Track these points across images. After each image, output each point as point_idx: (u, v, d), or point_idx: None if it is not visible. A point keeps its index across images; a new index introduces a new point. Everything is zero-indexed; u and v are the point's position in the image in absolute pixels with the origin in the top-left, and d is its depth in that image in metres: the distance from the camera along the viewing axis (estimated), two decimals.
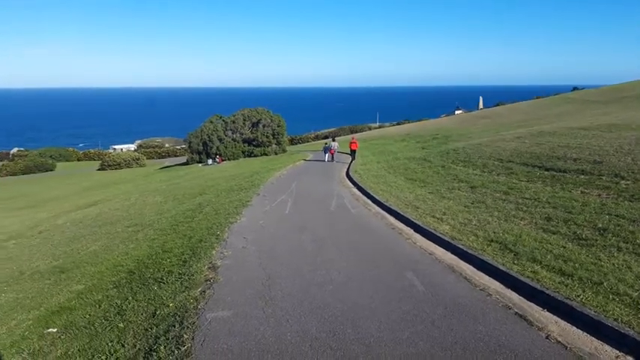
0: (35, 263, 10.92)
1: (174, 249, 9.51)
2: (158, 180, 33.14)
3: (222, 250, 8.78)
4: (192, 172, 35.63)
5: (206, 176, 28.87)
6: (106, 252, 10.63)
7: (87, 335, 5.91)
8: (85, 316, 6.66)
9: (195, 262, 8.06)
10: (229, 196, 16.09)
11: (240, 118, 48.27)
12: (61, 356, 5.45)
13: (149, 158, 78.89)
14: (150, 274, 8.06)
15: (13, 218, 23.26)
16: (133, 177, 44.63)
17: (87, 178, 51.68)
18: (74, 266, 9.79)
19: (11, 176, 72.01)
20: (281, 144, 47.38)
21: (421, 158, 22.23)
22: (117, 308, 6.65)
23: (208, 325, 5.44)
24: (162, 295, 6.68)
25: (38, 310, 7.44)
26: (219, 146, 45.99)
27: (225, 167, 36.41)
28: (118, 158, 69.36)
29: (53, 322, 6.69)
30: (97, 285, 8.14)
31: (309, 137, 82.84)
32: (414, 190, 14.73)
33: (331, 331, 5.26)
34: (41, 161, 77.47)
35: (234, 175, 25.75)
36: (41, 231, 16.37)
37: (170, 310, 6.02)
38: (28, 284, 9.14)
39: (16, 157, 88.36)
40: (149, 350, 5.02)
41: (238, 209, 13.04)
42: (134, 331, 5.69)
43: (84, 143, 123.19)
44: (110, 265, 9.26)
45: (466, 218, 10.22)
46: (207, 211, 13.59)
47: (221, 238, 9.76)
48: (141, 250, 10.15)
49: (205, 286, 6.73)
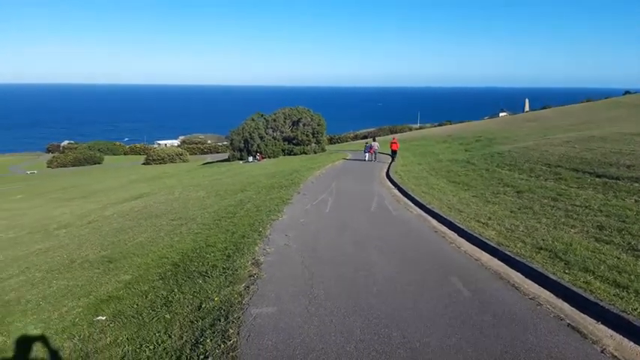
0: (85, 252, 11.33)
1: (217, 243, 9.67)
2: (200, 175, 33.84)
3: (265, 246, 8.86)
4: (233, 169, 36.20)
5: (247, 173, 29.25)
6: (151, 244, 10.91)
7: (135, 324, 6.07)
8: (133, 305, 6.85)
9: (239, 257, 8.16)
10: (270, 193, 16.24)
11: (280, 117, 48.69)
12: (110, 344, 5.61)
13: (192, 154, 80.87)
14: (194, 267, 8.22)
15: (63, 208, 24.29)
16: (177, 172, 45.79)
17: (132, 172, 53.43)
18: (121, 257, 10.10)
19: (62, 168, 75.42)
20: (320, 143, 47.48)
21: (464, 161, 21.75)
22: (163, 299, 6.81)
23: (253, 320, 5.48)
24: (207, 289, 6.80)
25: (88, 297, 7.70)
26: (260, 144, 46.53)
27: (265, 165, 36.80)
28: (162, 153, 71.43)
29: (102, 310, 6.91)
30: (144, 276, 8.36)
31: (348, 137, 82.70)
32: (458, 193, 14.42)
33: (376, 333, 5.19)
34: (90, 154, 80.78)
35: (274, 172, 25.97)
36: (90, 221, 17.00)
37: (215, 304, 6.11)
38: (78, 272, 9.48)
39: (66, 149, 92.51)
40: (195, 343, 5.10)
41: (279, 207, 13.13)
42: (180, 322, 5.80)
43: (128, 137, 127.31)
44: (156, 257, 9.49)
45: (513, 224, 9.90)
46: (248, 207, 13.75)
47: (263, 234, 9.85)
48: (185, 243, 10.37)
49: (249, 282, 6.80)
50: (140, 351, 5.21)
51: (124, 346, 5.43)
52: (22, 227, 18.66)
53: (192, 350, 4.94)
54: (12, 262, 11.68)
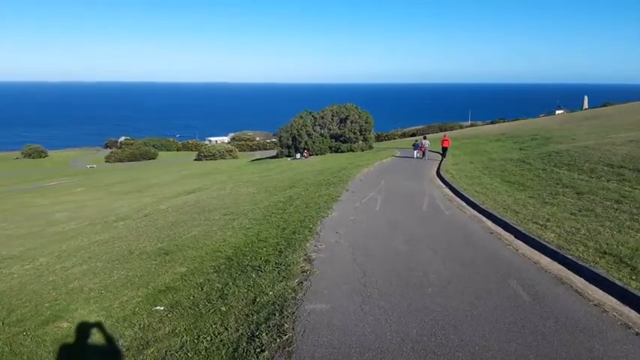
0: (142, 244, 11.76)
1: (269, 239, 9.78)
2: (250, 172, 34.45)
3: (316, 243, 8.87)
4: (281, 166, 36.62)
5: (295, 170, 29.51)
6: (205, 237, 11.18)
7: (192, 315, 6.23)
8: (189, 297, 7.03)
9: (291, 253, 8.21)
10: (318, 190, 16.27)
11: (328, 114, 48.78)
12: (169, 333, 5.78)
13: (241, 150, 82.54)
14: (247, 261, 8.34)
15: (121, 201, 25.39)
16: (227, 168, 46.85)
17: (185, 167, 55.11)
18: (177, 249, 10.40)
19: (119, 162, 78.88)
20: (368, 140, 47.21)
21: (519, 160, 20.95)
22: (218, 292, 6.95)
23: (307, 316, 5.49)
24: (261, 283, 6.87)
25: (146, 288, 7.96)
26: (307, 141, 46.83)
27: (312, 162, 36.98)
28: (213, 149, 73.29)
29: (160, 301, 7.12)
30: (199, 268, 8.57)
31: (396, 134, 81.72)
32: (513, 193, 13.90)
33: (433, 334, 5.07)
34: (145, 150, 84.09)
35: (322, 169, 26.04)
36: (146, 214, 17.65)
37: (269, 299, 6.17)
38: (136, 263, 9.84)
39: (123, 145, 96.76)
40: (251, 336, 5.16)
41: (328, 204, 13.13)
42: (236, 315, 5.89)
43: (181, 134, 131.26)
44: (210, 251, 9.71)
45: (573, 227, 9.42)
46: (297, 203, 13.84)
47: (314, 231, 9.86)
48: (237, 237, 10.55)
49: (302, 278, 6.82)
50: (198, 341, 5.33)
51: (182, 336, 5.58)
52: (83, 219, 19.63)
53: (249, 343, 5.00)
54: (75, 251, 12.27)
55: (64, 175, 59.02)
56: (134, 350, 5.49)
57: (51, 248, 13.36)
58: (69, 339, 6.16)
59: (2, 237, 17.25)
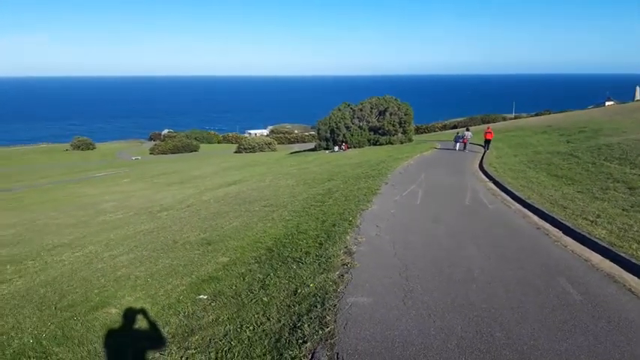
0: (186, 234, 12.03)
1: (308, 231, 9.80)
2: (289, 164, 34.67)
3: (356, 236, 8.81)
4: (319, 158, 36.65)
5: (333, 162, 29.46)
6: (246, 228, 11.32)
7: (234, 305, 6.31)
8: (232, 286, 7.13)
9: (331, 245, 8.19)
10: (357, 183, 16.18)
11: (367, 107, 48.35)
12: (212, 322, 5.88)
13: (279, 143, 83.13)
14: (288, 252, 8.39)
15: (165, 192, 26.10)
16: (266, 160, 47.35)
17: (226, 160, 56.05)
18: (219, 239, 10.58)
19: (162, 155, 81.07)
20: (407, 133, 46.51)
21: (566, 153, 20.14)
22: (260, 282, 7.02)
23: (349, 309, 5.46)
24: (302, 275, 6.90)
25: (190, 277, 8.13)
26: (346, 133, 46.61)
27: (350, 154, 36.81)
28: (253, 142, 74.19)
29: (204, 290, 7.26)
30: (240, 259, 8.68)
31: (437, 126, 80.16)
32: (560, 187, 13.38)
33: (478, 332, 4.94)
34: (187, 142, 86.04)
35: (361, 162, 25.89)
36: (189, 205, 18.06)
37: (311, 290, 6.18)
38: (180, 252, 10.07)
39: (166, 137, 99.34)
40: (293, 327, 5.18)
41: (368, 197, 13.02)
42: (277, 306, 5.94)
43: (222, 127, 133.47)
44: (251, 241, 9.83)
45: (625, 223, 8.98)
46: (336, 196, 13.80)
47: (353, 224, 9.80)
48: (277, 229, 10.63)
49: (343, 270, 6.79)
50: (241, 331, 5.40)
51: (225, 325, 5.66)
52: (129, 208, 20.30)
53: (291, 334, 5.02)
54: (122, 240, 12.70)
55: (110, 166, 61.23)
56: (179, 337, 5.62)
57: (99, 237, 13.89)
58: (117, 324, 6.37)
59: (53, 225, 18.09)
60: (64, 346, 5.77)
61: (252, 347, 4.95)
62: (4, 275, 10.34)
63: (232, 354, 4.88)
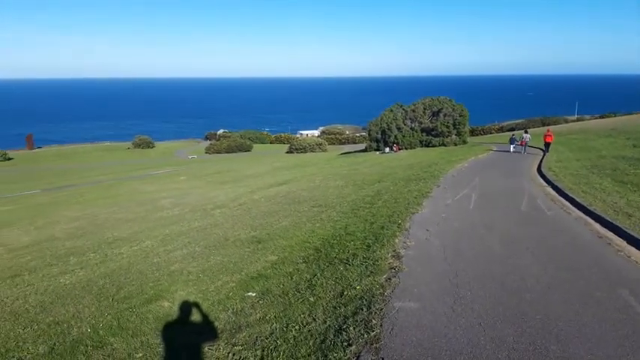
0: (237, 232, 12.29)
1: (356, 232, 9.75)
2: (338, 165, 34.69)
3: (405, 239, 8.67)
4: (370, 159, 36.44)
5: (383, 164, 29.20)
6: (294, 228, 11.42)
7: (281, 304, 6.38)
8: (279, 285, 7.21)
9: (379, 248, 8.11)
10: (408, 185, 15.94)
11: (420, 107, 47.60)
12: (259, 320, 5.97)
13: (330, 144, 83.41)
14: (335, 253, 8.38)
15: (218, 190, 26.81)
16: (317, 161, 47.61)
17: (277, 160, 56.89)
18: (268, 238, 10.73)
19: (217, 154, 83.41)
20: (461, 135, 45.36)
21: (634, 158, 18.93)
22: (307, 282, 7.05)
23: (396, 314, 5.38)
24: (349, 277, 6.87)
25: (239, 274, 8.29)
26: (397, 135, 46.09)
27: (401, 156, 36.36)
28: (304, 143, 74.84)
29: (252, 287, 7.38)
30: (288, 258, 8.77)
31: (493, 128, 77.60)
32: (626, 194, 12.57)
33: (531, 344, 4.71)
34: (241, 142, 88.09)
35: (412, 164, 25.50)
36: (241, 204, 18.45)
37: (357, 293, 6.14)
38: (231, 249, 10.29)
39: (221, 137, 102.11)
40: (339, 329, 5.17)
41: (418, 199, 12.80)
42: (324, 307, 5.94)
43: (274, 128, 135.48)
44: (299, 241, 9.90)
45: None
46: (386, 198, 13.66)
47: (403, 227, 9.66)
48: (325, 229, 10.65)
49: (390, 274, 6.70)
50: (287, 330, 5.44)
51: (272, 323, 5.73)
52: (184, 205, 21.00)
53: (336, 336, 5.00)
54: (176, 236, 13.14)
55: (168, 164, 63.71)
56: (227, 333, 5.73)
57: (156, 232, 14.44)
58: (169, 318, 6.58)
59: (114, 220, 19.01)
60: (119, 337, 6.03)
61: (298, 347, 4.97)
62: (68, 266, 10.96)
63: (278, 353, 4.92)
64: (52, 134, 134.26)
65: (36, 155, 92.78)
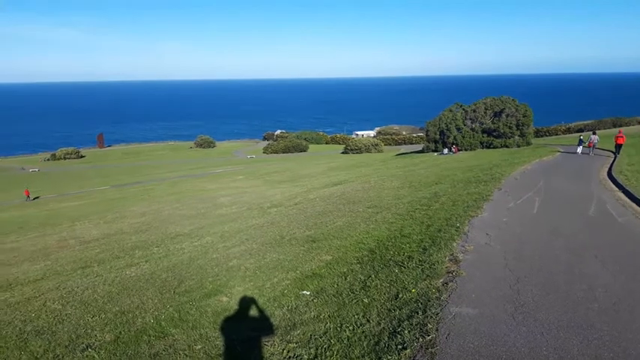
0: (292, 230, 12.46)
1: (412, 235, 9.60)
2: (394, 166, 34.30)
3: (464, 243, 8.43)
4: (427, 161, 35.76)
5: (441, 165, 28.57)
6: (349, 228, 11.42)
7: (335, 303, 6.40)
8: (333, 285, 7.24)
9: (436, 251, 7.94)
10: (467, 187, 15.49)
11: (481, 107, 46.11)
12: (314, 318, 6.02)
13: (386, 144, 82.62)
14: (390, 255, 8.30)
15: (275, 190, 27.30)
16: (372, 161, 47.33)
17: (332, 160, 57.12)
18: (323, 238, 10.80)
19: (274, 154, 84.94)
20: (525, 136, 43.46)
21: None
22: (361, 283, 7.03)
23: (452, 319, 5.24)
24: (404, 279, 6.78)
25: (294, 272, 8.41)
26: (457, 135, 44.91)
27: (461, 157, 35.41)
28: (360, 143, 74.60)
29: (307, 286, 7.46)
30: (343, 258, 8.78)
31: (560, 129, 73.71)
32: None
33: (598, 357, 4.44)
34: (297, 142, 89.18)
35: (472, 166, 24.76)
36: (296, 203, 18.69)
37: (412, 296, 6.04)
38: (287, 248, 10.45)
39: (279, 137, 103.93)
40: (393, 331, 5.11)
41: (478, 203, 12.40)
42: (378, 309, 5.90)
43: (328, 128, 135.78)
44: (353, 242, 9.89)
45: None
46: (443, 200, 13.36)
47: (461, 230, 9.39)
48: (380, 231, 10.57)
49: (447, 278, 6.54)
50: (341, 330, 5.46)
51: (325, 323, 5.76)
52: (242, 204, 21.56)
53: (390, 338, 4.95)
54: (235, 233, 13.52)
55: (228, 163, 65.59)
56: (282, 330, 5.83)
57: (215, 229, 14.94)
58: (227, 312, 6.79)
59: (176, 216, 19.84)
60: (180, 328, 6.30)
61: (351, 347, 4.97)
62: (133, 259, 11.57)
63: (331, 352, 4.95)
64: (120, 134, 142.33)
65: (106, 153, 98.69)
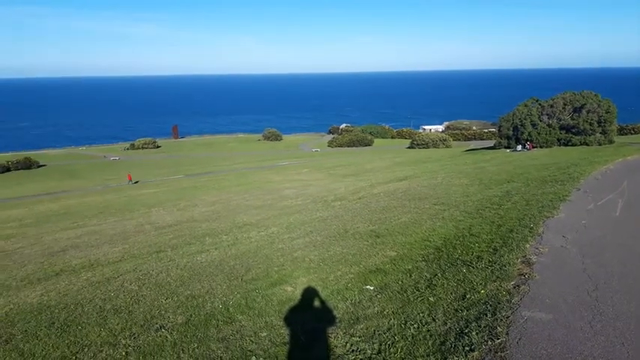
0: (356, 224, 12.43)
1: (481, 234, 9.28)
2: (463, 162, 33.26)
3: (537, 245, 8.02)
4: (498, 157, 34.36)
5: (514, 162, 27.32)
6: (414, 225, 11.22)
7: (400, 300, 6.33)
8: (398, 281, 7.16)
9: (507, 252, 7.62)
10: (542, 187, 14.70)
11: (559, 103, 43.55)
12: (377, 313, 5.99)
13: (455, 139, 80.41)
14: (457, 254, 8.08)
15: (339, 183, 27.42)
16: (439, 157, 46.21)
17: (398, 155, 56.43)
18: (387, 233, 10.69)
19: (338, 147, 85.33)
20: (607, 133, 40.57)
21: None
22: (427, 281, 6.90)
23: (524, 323, 5.01)
24: (472, 280, 6.57)
25: (358, 266, 8.39)
26: (532, 132, 42.75)
27: (535, 155, 33.69)
28: (427, 138, 73.19)
29: (370, 281, 7.43)
30: (407, 255, 8.66)
31: None
32: None
33: None
34: (362, 136, 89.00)
35: (547, 164, 23.45)
36: (360, 197, 18.64)
37: (481, 297, 5.85)
38: (350, 242, 10.45)
39: (343, 131, 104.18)
40: (460, 332, 4.98)
41: (554, 203, 11.72)
42: (444, 308, 5.77)
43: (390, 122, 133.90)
44: (418, 239, 9.72)
45: None
46: (516, 199, 12.78)
47: (535, 232, 8.94)
48: (447, 229, 10.31)
49: (519, 281, 6.26)
50: (405, 327, 5.39)
51: (389, 319, 5.72)
52: (307, 196, 21.85)
53: (457, 339, 4.83)
54: (299, 225, 13.72)
55: (293, 156, 66.79)
56: (345, 323, 5.85)
57: (280, 220, 15.24)
58: (291, 302, 6.91)
59: (244, 206, 20.48)
60: (247, 315, 6.49)
61: (416, 345, 4.90)
62: (204, 246, 12.07)
63: (395, 349, 4.90)
64: (193, 126, 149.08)
65: (179, 144, 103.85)
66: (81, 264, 11.42)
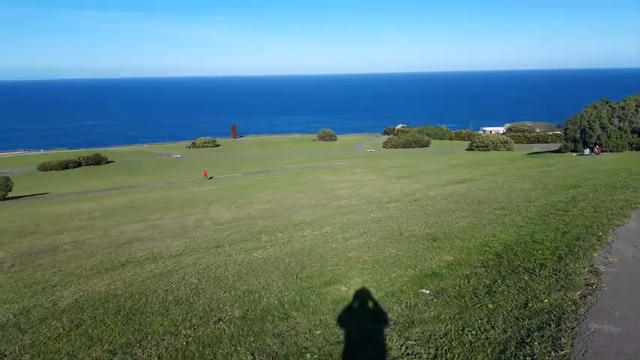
0: (411, 227, 12.25)
1: (545, 241, 8.87)
2: (525, 166, 31.94)
3: (606, 254, 7.57)
4: (564, 161, 32.70)
5: (581, 167, 25.92)
6: (473, 230, 10.92)
7: (457, 306, 6.18)
8: (455, 286, 6.99)
9: (573, 260, 7.24)
10: (612, 193, 13.86)
11: (632, 104, 40.85)
12: (433, 318, 5.88)
13: (517, 142, 77.35)
14: (519, 261, 7.78)
15: (394, 185, 27.14)
16: (500, 160, 44.62)
17: (456, 157, 55.07)
18: (444, 237, 10.46)
19: (394, 148, 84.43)
20: None
21: None
22: (486, 288, 6.69)
23: (591, 335, 4.75)
24: (535, 288, 6.30)
25: (413, 269, 8.27)
26: (601, 135, 40.37)
27: (604, 159, 31.80)
28: (487, 140, 70.95)
29: (426, 284, 7.30)
30: (465, 260, 8.43)
31: None
32: None
33: None
34: (419, 137, 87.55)
35: (618, 169, 22.08)
36: (416, 199, 18.36)
37: (544, 306, 5.60)
38: (405, 244, 10.32)
39: (399, 132, 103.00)
40: (521, 341, 4.79)
41: (625, 210, 11.01)
42: (504, 316, 5.57)
43: (448, 124, 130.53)
44: (477, 244, 9.44)
45: None
46: (582, 206, 12.12)
47: (603, 240, 8.44)
48: (508, 235, 9.95)
49: (586, 291, 5.94)
50: (462, 333, 5.26)
51: (446, 324, 5.60)
52: (361, 197, 21.78)
53: (518, 348, 4.65)
54: (353, 225, 13.70)
55: (348, 157, 66.82)
56: (400, 326, 5.79)
57: (334, 219, 15.30)
58: (345, 302, 6.92)
59: (299, 205, 20.73)
60: (301, 312, 6.58)
61: (474, 352, 4.77)
62: (260, 243, 12.34)
63: (452, 355, 4.80)
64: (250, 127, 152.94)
65: (238, 143, 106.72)
66: (145, 256, 12.01)
